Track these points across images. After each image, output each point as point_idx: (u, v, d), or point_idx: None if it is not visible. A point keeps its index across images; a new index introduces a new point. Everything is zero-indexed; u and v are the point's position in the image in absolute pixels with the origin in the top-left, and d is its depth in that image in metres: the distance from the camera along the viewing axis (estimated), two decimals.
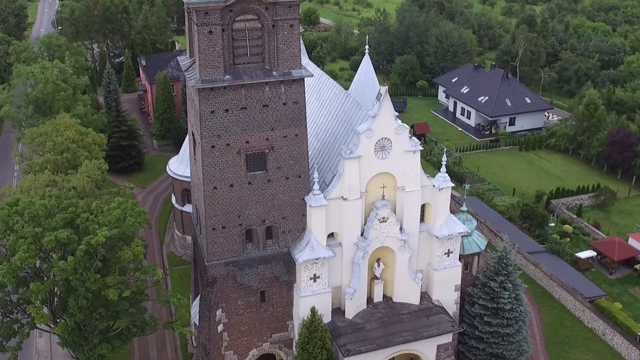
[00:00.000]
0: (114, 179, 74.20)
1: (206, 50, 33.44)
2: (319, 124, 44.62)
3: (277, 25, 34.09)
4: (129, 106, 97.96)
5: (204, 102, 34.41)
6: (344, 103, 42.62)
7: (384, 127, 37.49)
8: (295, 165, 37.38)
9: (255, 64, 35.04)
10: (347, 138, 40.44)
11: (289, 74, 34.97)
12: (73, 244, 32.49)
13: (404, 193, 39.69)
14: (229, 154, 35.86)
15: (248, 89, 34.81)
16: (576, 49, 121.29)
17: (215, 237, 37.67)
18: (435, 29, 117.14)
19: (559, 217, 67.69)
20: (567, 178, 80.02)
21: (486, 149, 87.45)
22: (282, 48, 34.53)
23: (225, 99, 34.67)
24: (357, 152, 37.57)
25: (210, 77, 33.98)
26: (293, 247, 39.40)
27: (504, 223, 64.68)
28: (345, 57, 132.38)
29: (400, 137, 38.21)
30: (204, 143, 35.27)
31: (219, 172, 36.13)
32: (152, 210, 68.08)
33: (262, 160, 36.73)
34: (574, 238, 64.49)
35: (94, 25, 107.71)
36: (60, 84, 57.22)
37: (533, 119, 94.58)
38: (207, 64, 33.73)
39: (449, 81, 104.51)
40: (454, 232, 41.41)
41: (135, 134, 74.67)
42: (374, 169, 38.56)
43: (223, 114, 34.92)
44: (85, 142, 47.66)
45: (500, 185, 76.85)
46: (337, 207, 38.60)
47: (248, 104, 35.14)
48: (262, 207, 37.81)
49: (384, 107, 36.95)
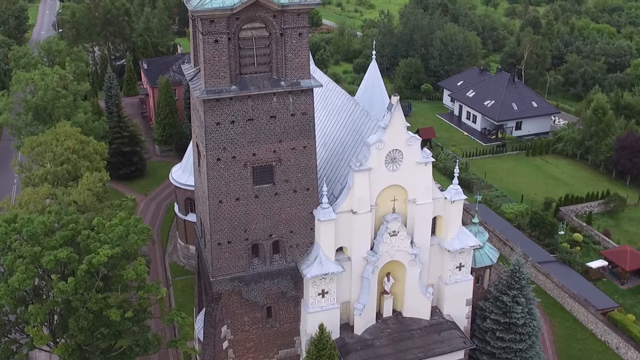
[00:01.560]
0: (116, 186, 73.08)
1: (212, 60, 32.22)
2: (327, 133, 43.40)
3: (285, 33, 32.88)
4: (131, 110, 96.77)
5: (209, 113, 33.20)
6: (353, 112, 41.41)
7: (395, 138, 36.28)
8: (304, 178, 36.16)
9: (262, 74, 33.83)
10: (356, 149, 39.23)
11: (297, 84, 33.76)
12: (73, 263, 31.29)
13: (415, 206, 38.47)
14: (235, 167, 34.65)
15: (255, 99, 33.60)
16: (582, 52, 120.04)
17: (221, 252, 36.46)
18: (440, 32, 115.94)
19: (568, 225, 66.46)
20: (575, 184, 78.79)
21: (493, 154, 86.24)
22: (290, 57, 33.32)
23: (231, 110, 33.46)
24: (367, 165, 36.35)
25: (215, 88, 32.77)
26: (301, 262, 38.18)
27: (513, 232, 63.47)
28: (348, 59, 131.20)
29: (412, 149, 37.00)
30: (209, 156, 34.06)
31: (225, 185, 34.92)
32: (154, 218, 66.92)
33: (270, 173, 35.51)
34: (584, 247, 63.28)
35: (94, 27, 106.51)
36: (60, 90, 55.98)
37: (539, 123, 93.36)
38: (213, 74, 32.52)
39: (454, 85, 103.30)
40: (466, 245, 40.19)
41: (136, 140, 73.50)
42: (385, 182, 37.34)
43: (229, 125, 33.71)
44: (86, 152, 46.43)
45: (507, 191, 75.63)
46: (347, 221, 37.39)
47: (255, 115, 33.93)
48: (269, 221, 36.60)
49: (395, 118, 35.74)
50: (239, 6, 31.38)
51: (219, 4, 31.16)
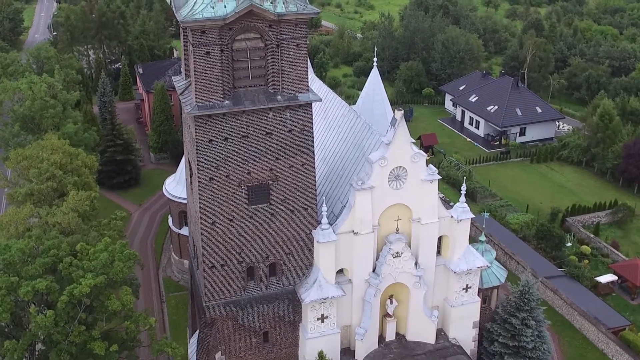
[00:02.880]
0: (109, 195, 71.04)
1: (203, 73, 30.14)
2: (327, 147, 41.34)
3: (282, 44, 30.81)
4: (126, 115, 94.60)
5: (200, 130, 31.11)
6: (354, 125, 39.34)
7: (399, 155, 34.22)
8: (302, 197, 34.07)
9: (257, 88, 31.75)
10: (357, 165, 37.21)
11: (294, 99, 31.68)
12: (54, 293, 29.17)
13: (420, 225, 36.42)
14: (228, 187, 32.57)
15: (250, 115, 31.53)
16: (585, 55, 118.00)
17: (214, 276, 34.38)
18: (441, 35, 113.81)
19: (575, 237, 64.36)
20: (581, 192, 76.69)
21: (496, 161, 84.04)
22: (287, 70, 31.24)
23: (224, 126, 31.38)
24: (370, 183, 34.29)
25: (207, 103, 30.69)
26: (299, 285, 36.12)
27: (519, 244, 61.34)
28: (348, 62, 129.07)
29: (417, 166, 34.94)
30: (201, 175, 31.98)
31: (218, 206, 32.84)
32: (148, 229, 64.78)
33: (266, 193, 33.44)
34: (592, 259, 61.14)
35: (89, 31, 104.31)
36: (48, 100, 53.76)
37: (544, 128, 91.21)
38: (204, 88, 30.44)
39: (457, 89, 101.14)
40: (473, 266, 38.16)
41: (130, 148, 71.32)
42: (388, 201, 35.29)
43: (222, 143, 31.64)
44: (74, 165, 44.26)
45: (512, 200, 73.51)
46: (347, 242, 35.33)
47: (250, 132, 31.86)
48: (265, 242, 34.52)
49: (399, 134, 33.66)
50: (232, 16, 29.31)
51: (210, 13, 29.10)
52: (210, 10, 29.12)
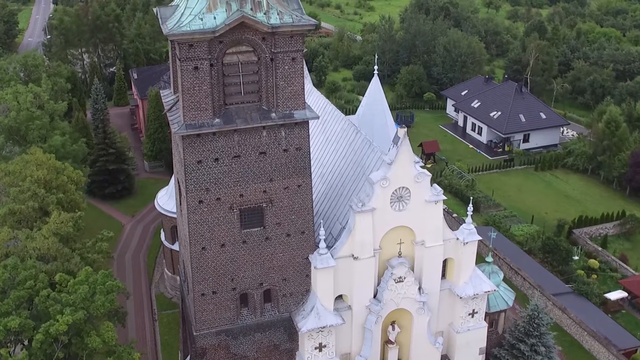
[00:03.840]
0: (101, 206, 68.94)
1: (191, 90, 27.98)
2: (325, 163, 39.18)
3: (277, 58, 28.64)
4: (120, 121, 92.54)
5: (189, 150, 28.95)
6: (354, 141, 37.17)
7: (401, 175, 32.05)
8: (298, 221, 31.91)
9: (250, 104, 29.57)
10: (357, 183, 35.07)
11: (290, 116, 29.51)
12: (28, 331, 27.03)
13: (424, 248, 34.25)
14: (219, 210, 30.41)
15: (242, 134, 29.36)
16: (589, 58, 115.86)
17: (205, 304, 32.22)
18: (443, 38, 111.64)
19: (582, 250, 62.22)
20: (587, 202, 74.62)
21: (500, 169, 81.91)
22: (282, 85, 29.07)
23: (214, 146, 29.22)
24: (370, 205, 32.12)
25: (196, 122, 28.52)
26: (295, 312, 33.95)
27: (524, 258, 59.19)
28: (348, 66, 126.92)
29: (421, 186, 32.77)
30: (190, 198, 29.82)
31: (208, 230, 30.68)
32: (140, 242, 62.61)
33: (259, 216, 31.27)
34: (600, 273, 59.04)
35: (83, 34, 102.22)
36: (35, 111, 51.55)
37: (548, 135, 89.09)
38: (193, 106, 28.27)
39: (459, 94, 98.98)
40: (479, 291, 36.01)
41: (123, 157, 69.15)
42: (390, 223, 33.12)
43: (212, 164, 29.47)
44: (59, 182, 42.08)
45: (516, 210, 71.38)
46: (347, 267, 33.16)
47: (242, 152, 29.69)
48: (259, 268, 32.36)
49: (402, 153, 31.49)
50: (222, 28, 27.14)
51: (198, 25, 26.93)
52: (198, 22, 26.97)
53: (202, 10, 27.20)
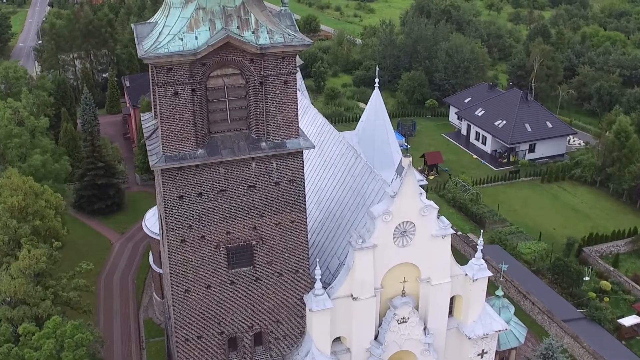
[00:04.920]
0: (89, 222, 65.95)
1: (171, 118, 25.02)
2: (322, 189, 36.22)
3: (267, 82, 25.68)
4: (113, 130, 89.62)
5: (169, 185, 25.99)
6: (353, 166, 34.22)
7: (405, 208, 29.06)
8: (292, 259, 28.96)
9: (238, 132, 26.61)
10: (357, 214, 32.15)
11: (282, 146, 26.55)
12: None
13: (430, 286, 31.27)
14: (204, 249, 27.45)
15: (228, 166, 26.41)
16: (595, 63, 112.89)
17: (189, 350, 29.27)
18: (445, 43, 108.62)
19: (593, 269, 59.23)
20: (596, 216, 71.66)
21: (505, 181, 78.90)
22: (273, 111, 26.11)
23: (198, 180, 26.25)
24: (371, 241, 29.14)
25: (177, 153, 25.56)
26: (289, 356, 31.01)
27: (533, 279, 56.20)
28: (347, 71, 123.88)
29: (427, 219, 29.79)
30: (171, 237, 26.86)
31: (192, 271, 27.73)
32: (130, 262, 59.60)
33: (249, 254, 28.33)
34: (612, 296, 56.04)
35: (75, 40, 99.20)
36: (13, 128, 48.55)
37: (554, 144, 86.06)
38: (173, 136, 25.32)
39: (462, 101, 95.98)
40: (490, 330, 33.04)
41: (113, 171, 66.13)
42: (393, 260, 30.14)
43: (195, 199, 26.51)
44: (37, 207, 39.04)
45: (523, 226, 68.37)
46: (345, 308, 30.17)
47: (229, 185, 26.73)
48: (248, 310, 29.42)
49: (406, 184, 28.50)
50: (204, 50, 24.18)
51: (178, 47, 23.97)
52: (177, 42, 24.00)
53: (183, 30, 24.25)
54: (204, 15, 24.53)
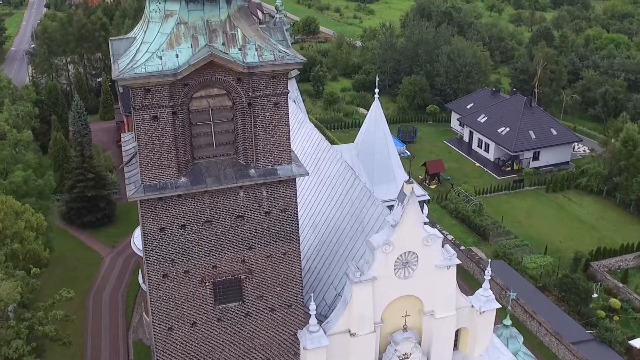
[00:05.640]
0: (79, 235, 63.73)
1: (150, 144, 22.75)
2: (318, 211, 33.96)
3: (256, 103, 23.41)
4: (106, 137, 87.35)
5: (149, 216, 23.73)
6: (352, 188, 31.95)
7: (408, 238, 26.79)
8: (284, 293, 26.67)
9: (224, 158, 24.32)
10: (355, 241, 29.90)
11: (273, 173, 24.26)
12: None
13: (433, 320, 29.00)
14: (188, 284, 25.18)
15: (214, 195, 24.13)
16: (599, 67, 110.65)
17: None
18: (447, 47, 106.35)
19: (602, 286, 56.98)
20: (603, 228, 69.42)
21: (509, 190, 76.65)
22: (262, 136, 23.84)
23: (180, 210, 23.97)
24: (370, 273, 26.87)
25: (157, 182, 23.29)
26: None
27: (539, 297, 53.92)
28: (347, 74, 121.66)
29: (430, 249, 27.52)
30: (152, 271, 24.62)
31: (175, 308, 25.46)
32: (120, 278, 57.31)
33: (237, 289, 26.04)
34: (622, 314, 53.77)
35: (68, 44, 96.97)
36: None
37: (559, 152, 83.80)
38: (153, 163, 23.05)
39: (464, 107, 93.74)
40: None
41: (103, 182, 63.85)
42: (394, 292, 27.87)
43: (178, 231, 24.24)
44: (16, 228, 36.79)
45: (527, 238, 66.11)
46: (342, 344, 27.90)
47: (215, 216, 24.44)
48: (237, 348, 27.12)
49: (408, 212, 26.22)
50: (185, 69, 21.90)
51: (156, 66, 21.69)
52: (156, 61, 21.72)
53: (162, 47, 21.97)
54: (186, 31, 22.27)
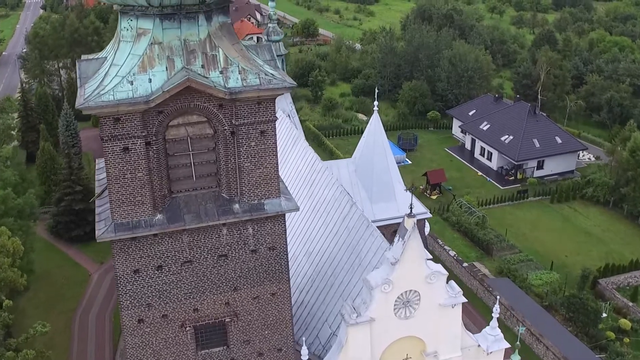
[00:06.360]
0: (67, 250, 61.46)
1: (121, 179, 20.36)
2: (312, 238, 31.56)
3: (239, 132, 21.00)
4: (97, 144, 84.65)
5: (121, 257, 21.34)
6: (348, 215, 29.55)
7: (409, 276, 24.38)
8: (273, 336, 24.25)
9: (205, 192, 21.91)
10: (351, 275, 27.51)
11: (259, 209, 21.86)
12: None
13: None
14: (166, 329, 22.77)
15: (194, 233, 21.73)
16: (603, 71, 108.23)
17: None
18: (448, 51, 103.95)
19: (611, 304, 54.58)
20: (610, 241, 67.03)
21: (512, 201, 74.16)
22: (247, 167, 21.43)
23: (156, 250, 21.57)
24: (368, 314, 24.46)
25: (129, 220, 20.89)
26: None
27: (545, 318, 51.34)
28: (346, 79, 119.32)
29: (434, 287, 25.10)
30: (126, 317, 22.19)
31: (153, 355, 23.04)
32: (107, 297, 54.90)
33: (221, 333, 23.62)
34: (633, 337, 51.36)
35: (60, 48, 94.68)
36: None
37: (564, 160, 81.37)
38: (124, 200, 20.66)
39: (466, 114, 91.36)
40: None
41: (92, 195, 61.28)
42: (393, 334, 25.44)
43: (154, 272, 21.83)
44: None
45: (532, 252, 63.65)
46: None
47: (195, 256, 22.04)
48: None
49: (410, 250, 23.81)
50: (158, 97, 19.49)
51: (126, 92, 19.30)
52: (126, 87, 19.32)
53: (133, 70, 19.58)
54: (160, 52, 19.87)
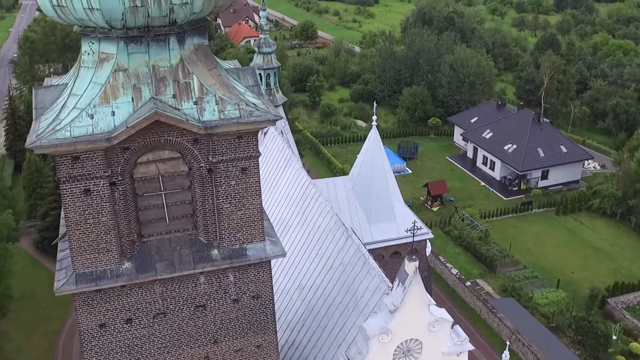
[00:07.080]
0: (51, 266, 58.44)
1: (82, 224, 17.83)
2: (305, 270, 29.06)
3: (218, 169, 18.46)
4: None
5: (84, 311, 18.80)
6: (343, 249, 27.05)
7: (410, 324, 21.90)
8: None
9: (180, 235, 19.36)
10: (346, 317, 25.02)
11: (241, 254, 19.32)
12: None
13: None
14: None
15: (167, 283, 19.20)
16: (608, 76, 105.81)
17: None
18: (449, 56, 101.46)
19: (621, 326, 52.13)
20: (618, 256, 64.59)
21: (516, 213, 71.72)
22: (227, 209, 18.90)
23: (125, 303, 19.04)
24: None
25: (93, 270, 18.36)
26: None
27: (552, 342, 48.94)
28: (345, 83, 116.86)
29: (437, 335, 22.62)
30: None
31: None
32: None
33: None
34: None
35: (51, 54, 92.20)
36: None
37: (569, 170, 78.96)
38: (86, 247, 18.12)
39: (467, 121, 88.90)
40: None
41: None
42: None
43: (123, 327, 19.31)
44: None
45: (537, 268, 61.22)
46: None
47: (169, 307, 19.52)
48: None
49: (411, 296, 21.33)
50: (122, 133, 16.92)
51: (85, 128, 16.74)
52: (85, 121, 16.76)
53: (94, 101, 17.04)
54: (126, 80, 17.32)
